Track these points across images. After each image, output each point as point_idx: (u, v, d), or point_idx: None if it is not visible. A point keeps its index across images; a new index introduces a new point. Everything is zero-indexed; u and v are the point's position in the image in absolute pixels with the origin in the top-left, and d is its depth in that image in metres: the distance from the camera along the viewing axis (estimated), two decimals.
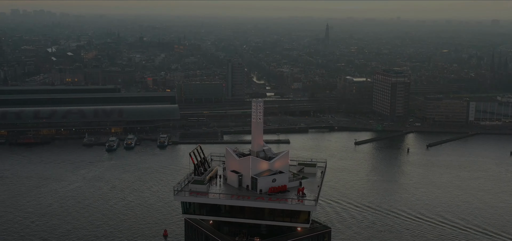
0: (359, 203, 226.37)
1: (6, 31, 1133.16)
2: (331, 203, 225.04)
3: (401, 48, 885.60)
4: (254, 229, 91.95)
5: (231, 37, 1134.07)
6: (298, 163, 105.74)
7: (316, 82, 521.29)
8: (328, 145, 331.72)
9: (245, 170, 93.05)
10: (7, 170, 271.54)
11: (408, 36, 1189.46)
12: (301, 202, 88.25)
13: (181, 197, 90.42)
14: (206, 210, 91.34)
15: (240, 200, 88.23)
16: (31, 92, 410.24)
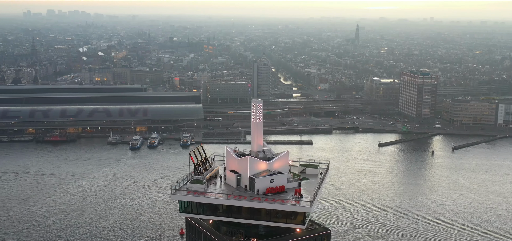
0: (377, 204, 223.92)
1: (41, 31, 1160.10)
2: (346, 204, 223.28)
3: (433, 49, 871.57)
4: (252, 229, 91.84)
5: (261, 37, 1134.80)
6: (300, 164, 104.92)
7: (343, 83, 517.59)
8: (351, 146, 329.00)
9: (243, 170, 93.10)
10: (33, 166, 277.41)
11: (441, 37, 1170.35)
12: (297, 203, 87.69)
13: (178, 196, 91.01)
14: (203, 209, 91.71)
15: (236, 200, 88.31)
16: (59, 91, 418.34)
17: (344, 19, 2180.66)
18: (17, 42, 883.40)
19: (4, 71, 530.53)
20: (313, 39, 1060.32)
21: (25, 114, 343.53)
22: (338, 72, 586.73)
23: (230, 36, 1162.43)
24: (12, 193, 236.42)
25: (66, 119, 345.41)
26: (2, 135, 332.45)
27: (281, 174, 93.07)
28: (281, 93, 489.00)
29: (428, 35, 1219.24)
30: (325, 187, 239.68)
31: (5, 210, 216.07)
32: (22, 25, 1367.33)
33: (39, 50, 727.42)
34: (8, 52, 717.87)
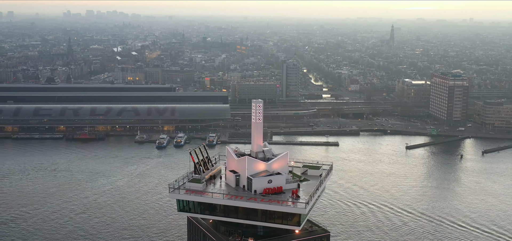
0: (400, 206, 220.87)
1: (79, 31, 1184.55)
2: (368, 205, 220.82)
3: (470, 50, 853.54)
4: (250, 230, 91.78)
5: (294, 38, 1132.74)
6: (303, 165, 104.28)
7: (374, 84, 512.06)
8: (378, 148, 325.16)
9: (242, 170, 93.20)
10: (62, 163, 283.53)
11: (479, 38, 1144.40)
12: (293, 204, 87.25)
13: (175, 195, 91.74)
14: (201, 209, 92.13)
15: (232, 200, 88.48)
16: (90, 90, 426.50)
17: (380, 20, 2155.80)
18: (55, 42, 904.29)
19: (40, 71, 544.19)
20: (347, 40, 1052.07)
21: (56, 113, 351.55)
22: (370, 73, 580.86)
23: (264, 36, 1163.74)
24: (40, 189, 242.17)
25: (95, 117, 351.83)
26: (34, 132, 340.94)
27: (279, 175, 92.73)
28: (311, 94, 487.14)
29: (466, 36, 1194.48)
30: (350, 187, 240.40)
31: (32, 205, 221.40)
32: (61, 25, 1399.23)
33: (75, 50, 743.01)
34: (45, 51, 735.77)
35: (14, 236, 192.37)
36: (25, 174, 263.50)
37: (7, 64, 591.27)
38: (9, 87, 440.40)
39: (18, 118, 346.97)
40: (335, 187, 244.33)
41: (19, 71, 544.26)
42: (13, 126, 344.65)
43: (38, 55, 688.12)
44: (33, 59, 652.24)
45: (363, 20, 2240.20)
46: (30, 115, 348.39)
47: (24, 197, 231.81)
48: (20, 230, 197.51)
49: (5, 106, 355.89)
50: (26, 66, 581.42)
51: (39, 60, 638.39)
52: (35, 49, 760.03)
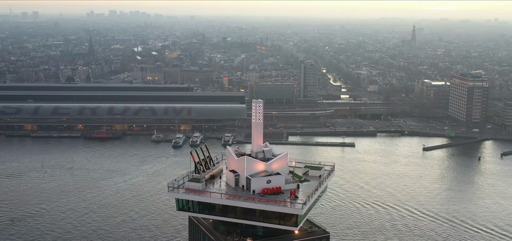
0: (415, 208, 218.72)
1: (101, 31, 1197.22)
2: (379, 207, 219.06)
3: (493, 51, 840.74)
4: (249, 230, 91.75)
5: (315, 38, 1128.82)
6: (305, 165, 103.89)
7: (393, 85, 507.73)
8: (394, 150, 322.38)
9: (241, 170, 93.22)
10: (79, 161, 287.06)
11: (503, 38, 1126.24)
12: (291, 204, 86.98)
13: (174, 194, 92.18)
14: (199, 208, 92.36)
15: (230, 199, 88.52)
16: (108, 90, 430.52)
17: (403, 20, 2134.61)
18: (77, 41, 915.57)
19: (61, 70, 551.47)
20: (368, 41, 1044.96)
21: (74, 112, 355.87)
22: (390, 74, 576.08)
23: (284, 36, 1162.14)
24: (55, 186, 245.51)
25: (113, 117, 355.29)
26: (52, 130, 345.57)
27: (279, 175, 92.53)
28: (329, 95, 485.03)
29: (490, 36, 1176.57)
30: (362, 188, 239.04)
31: (48, 202, 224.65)
32: (84, 26, 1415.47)
33: (96, 50, 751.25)
34: (67, 51, 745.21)
35: (30, 232, 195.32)
36: (43, 172, 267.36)
37: (30, 63, 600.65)
38: (30, 87, 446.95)
39: (38, 117, 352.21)
40: (348, 187, 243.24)
41: (41, 70, 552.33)
42: (32, 124, 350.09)
43: (60, 55, 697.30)
44: (55, 58, 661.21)
45: (386, 20, 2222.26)
46: (49, 114, 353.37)
47: (41, 194, 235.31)
48: (36, 226, 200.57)
49: (25, 105, 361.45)
50: (48, 65, 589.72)
51: (60, 60, 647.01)
52: (57, 49, 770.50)
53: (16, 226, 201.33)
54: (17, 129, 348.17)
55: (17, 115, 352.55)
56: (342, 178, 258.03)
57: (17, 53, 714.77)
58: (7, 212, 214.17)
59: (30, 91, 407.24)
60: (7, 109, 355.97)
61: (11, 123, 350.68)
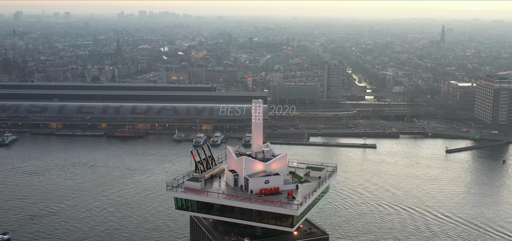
0: (434, 212, 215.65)
1: (130, 31, 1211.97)
2: (400, 209, 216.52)
3: None
4: (248, 230, 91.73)
5: (342, 38, 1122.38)
6: (306, 166, 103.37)
7: (418, 86, 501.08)
8: (416, 152, 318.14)
9: (240, 170, 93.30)
10: (100, 160, 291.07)
11: None
12: (287, 205, 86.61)
13: (173, 193, 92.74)
14: (198, 207, 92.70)
15: (226, 199, 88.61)
16: (132, 89, 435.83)
17: (433, 20, 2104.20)
18: (106, 41, 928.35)
19: (88, 69, 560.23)
20: (396, 41, 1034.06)
21: (98, 111, 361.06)
22: (416, 75, 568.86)
23: (311, 37, 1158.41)
24: (76, 184, 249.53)
25: (136, 116, 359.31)
26: (76, 129, 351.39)
27: (277, 176, 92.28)
28: (353, 95, 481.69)
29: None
30: (377, 189, 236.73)
31: (66, 199, 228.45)
32: (114, 26, 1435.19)
33: (124, 50, 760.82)
34: (96, 51, 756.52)
35: (48, 228, 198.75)
36: (65, 170, 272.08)
37: (58, 63, 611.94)
38: (56, 86, 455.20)
39: (62, 116, 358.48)
40: (363, 189, 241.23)
41: (68, 70, 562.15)
42: (57, 122, 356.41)
43: (88, 55, 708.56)
44: (83, 58, 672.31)
45: (416, 20, 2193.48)
46: (74, 113, 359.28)
47: (61, 191, 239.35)
48: (55, 223, 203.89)
49: (50, 104, 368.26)
50: (76, 65, 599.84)
51: (88, 60, 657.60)
52: (86, 49, 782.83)
53: (36, 222, 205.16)
54: (43, 127, 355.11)
55: (43, 114, 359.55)
56: (362, 179, 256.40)
57: (47, 53, 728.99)
58: (27, 208, 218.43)
59: (56, 90, 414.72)
60: (33, 108, 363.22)
61: (37, 121, 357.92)
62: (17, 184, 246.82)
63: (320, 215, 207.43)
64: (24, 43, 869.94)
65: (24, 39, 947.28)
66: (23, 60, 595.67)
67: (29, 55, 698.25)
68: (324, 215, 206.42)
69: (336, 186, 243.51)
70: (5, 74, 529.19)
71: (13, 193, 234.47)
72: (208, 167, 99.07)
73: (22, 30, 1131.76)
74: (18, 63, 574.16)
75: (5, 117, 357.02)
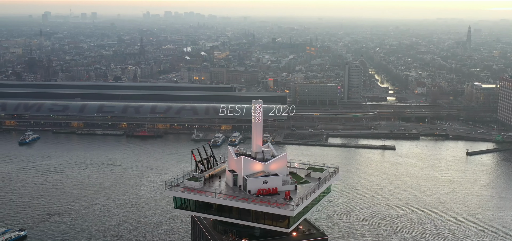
0: (451, 214, 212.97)
1: (154, 31, 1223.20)
2: (417, 211, 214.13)
3: None
4: (247, 230, 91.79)
5: (367, 39, 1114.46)
6: (308, 167, 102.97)
7: (441, 87, 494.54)
8: (436, 154, 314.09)
9: (239, 170, 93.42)
10: (119, 159, 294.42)
11: None
12: (283, 205, 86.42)
13: (171, 192, 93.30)
14: (196, 207, 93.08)
15: (223, 199, 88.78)
16: (152, 89, 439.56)
17: (461, 21, 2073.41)
18: (130, 42, 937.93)
19: (111, 69, 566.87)
20: (421, 42, 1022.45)
21: (119, 110, 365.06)
22: (440, 76, 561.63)
23: (335, 37, 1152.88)
24: (94, 182, 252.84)
25: (156, 115, 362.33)
26: (97, 128, 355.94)
27: (276, 176, 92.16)
28: (375, 97, 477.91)
29: None
30: (391, 191, 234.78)
31: (84, 197, 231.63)
32: (139, 26, 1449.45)
33: (148, 50, 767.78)
34: (120, 51, 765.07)
35: (65, 225, 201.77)
36: (84, 168, 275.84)
37: (83, 63, 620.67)
38: (78, 85, 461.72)
39: (84, 115, 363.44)
40: (377, 190, 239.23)
41: (92, 69, 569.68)
42: (78, 121, 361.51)
43: (112, 55, 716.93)
44: (107, 58, 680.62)
45: (443, 21, 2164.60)
46: (95, 112, 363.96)
47: (79, 189, 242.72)
48: (71, 220, 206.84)
49: (72, 103, 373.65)
50: (100, 65, 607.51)
51: (112, 60, 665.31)
52: (110, 49, 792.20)
53: (53, 219, 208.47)
54: (64, 125, 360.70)
55: (64, 113, 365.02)
56: (377, 180, 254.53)
57: (72, 52, 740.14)
58: (45, 205, 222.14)
59: (78, 90, 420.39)
60: (55, 107, 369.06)
61: (59, 120, 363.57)
62: (36, 182, 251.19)
63: (330, 216, 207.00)
64: (51, 43, 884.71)
65: (51, 39, 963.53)
66: (47, 60, 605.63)
67: (55, 55, 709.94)
68: (335, 216, 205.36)
69: (349, 187, 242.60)
70: (30, 74, 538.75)
71: (32, 190, 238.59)
72: (209, 167, 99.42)
73: (49, 31, 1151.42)
74: (43, 63, 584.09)
75: (28, 116, 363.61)
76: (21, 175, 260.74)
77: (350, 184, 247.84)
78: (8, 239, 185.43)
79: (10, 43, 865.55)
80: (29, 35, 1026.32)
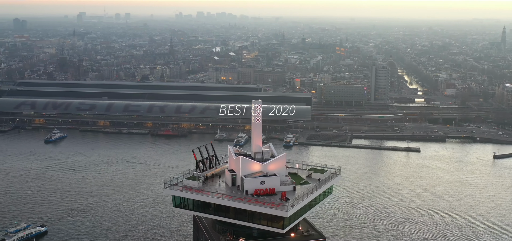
0: (473, 217, 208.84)
1: (186, 32, 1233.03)
2: (435, 213, 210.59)
3: None
4: (245, 230, 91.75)
5: (399, 40, 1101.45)
6: (309, 168, 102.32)
7: (472, 89, 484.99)
8: (462, 157, 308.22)
9: (237, 170, 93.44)
10: (142, 157, 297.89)
11: None
12: (278, 206, 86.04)
13: (170, 191, 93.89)
14: (194, 206, 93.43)
15: (220, 198, 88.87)
16: (178, 89, 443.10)
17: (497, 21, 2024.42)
18: (161, 42, 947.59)
19: (141, 69, 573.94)
20: (454, 42, 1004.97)
21: (144, 109, 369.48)
22: (471, 77, 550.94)
23: (367, 38, 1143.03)
24: (116, 180, 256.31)
25: (181, 115, 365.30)
26: (123, 127, 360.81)
27: (274, 176, 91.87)
28: (403, 98, 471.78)
29: None
30: (411, 192, 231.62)
31: (105, 194, 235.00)
32: (171, 26, 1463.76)
33: (177, 50, 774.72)
34: (150, 51, 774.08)
35: (85, 222, 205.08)
36: (107, 166, 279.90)
37: (113, 62, 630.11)
38: (106, 84, 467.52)
39: (110, 114, 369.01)
40: (403, 193, 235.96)
41: (122, 69, 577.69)
42: (105, 120, 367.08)
43: (142, 55, 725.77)
44: (137, 58, 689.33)
45: (478, 21, 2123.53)
46: (121, 111, 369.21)
47: (101, 187, 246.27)
48: (92, 217, 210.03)
49: (99, 102, 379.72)
50: (130, 65, 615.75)
51: (142, 60, 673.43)
52: (141, 49, 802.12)
53: (74, 216, 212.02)
54: (91, 124, 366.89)
55: (91, 111, 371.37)
56: (397, 182, 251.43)
57: (103, 52, 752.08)
58: (68, 202, 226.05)
59: (106, 89, 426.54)
60: (82, 106, 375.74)
61: (86, 119, 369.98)
62: (59, 179, 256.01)
63: (346, 217, 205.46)
64: (83, 43, 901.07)
65: (84, 39, 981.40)
66: (78, 60, 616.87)
67: (87, 54, 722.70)
68: (349, 216, 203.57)
69: (365, 189, 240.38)
70: (61, 73, 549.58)
71: (55, 187, 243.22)
72: (211, 166, 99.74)
73: (83, 31, 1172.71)
74: (74, 63, 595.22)
75: (57, 114, 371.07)
76: (46, 172, 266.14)
77: (366, 185, 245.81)
78: (29, 234, 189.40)
79: (45, 43, 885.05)
80: (63, 35, 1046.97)
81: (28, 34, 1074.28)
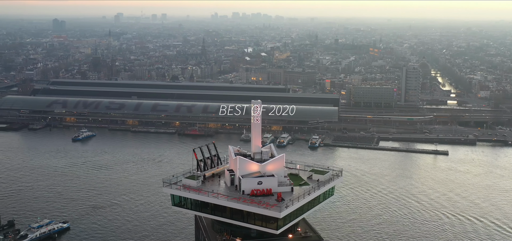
0: (497, 222, 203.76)
1: (220, 32, 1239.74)
2: (459, 217, 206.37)
3: None
4: (243, 230, 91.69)
5: (435, 40, 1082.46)
6: (311, 169, 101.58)
7: (507, 91, 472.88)
8: (492, 161, 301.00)
9: (236, 170, 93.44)
10: (168, 156, 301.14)
11: None
12: (272, 206, 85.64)
13: (168, 190, 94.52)
14: (192, 205, 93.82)
15: (216, 198, 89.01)
16: (205, 88, 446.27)
17: None
18: (195, 42, 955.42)
19: (172, 69, 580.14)
20: (492, 44, 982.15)
21: (172, 109, 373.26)
22: (507, 79, 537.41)
23: (402, 39, 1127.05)
24: (140, 179, 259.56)
25: (208, 115, 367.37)
26: (150, 126, 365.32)
27: (271, 177, 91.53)
28: (434, 100, 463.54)
29: None
30: (435, 195, 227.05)
31: (128, 193, 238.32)
32: (206, 27, 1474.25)
33: (210, 51, 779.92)
34: (183, 51, 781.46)
35: (107, 220, 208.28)
36: (132, 164, 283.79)
37: (146, 62, 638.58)
38: (136, 84, 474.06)
39: (138, 113, 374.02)
40: (430, 195, 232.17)
41: (154, 69, 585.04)
42: (133, 119, 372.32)
43: (175, 55, 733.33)
44: (170, 58, 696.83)
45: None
46: (149, 111, 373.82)
47: (125, 185, 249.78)
48: (114, 214, 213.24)
49: (128, 101, 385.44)
50: (162, 65, 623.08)
51: (175, 60, 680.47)
52: (174, 49, 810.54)
53: (96, 213, 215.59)
54: (120, 123, 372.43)
55: (120, 110, 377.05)
56: (427, 182, 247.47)
57: (137, 52, 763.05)
58: (91, 199, 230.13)
59: (136, 89, 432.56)
60: (112, 105, 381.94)
61: (115, 118, 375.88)
62: (85, 177, 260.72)
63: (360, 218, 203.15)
64: (119, 43, 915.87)
65: (120, 39, 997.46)
66: (111, 60, 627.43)
67: (121, 54, 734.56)
68: (365, 218, 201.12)
69: (385, 190, 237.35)
70: (94, 73, 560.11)
71: (80, 185, 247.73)
72: (212, 166, 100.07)
73: (119, 31, 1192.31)
74: (107, 62, 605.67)
75: (87, 113, 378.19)
76: (72, 170, 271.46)
77: (386, 186, 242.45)
78: (51, 230, 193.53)
79: (81, 43, 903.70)
80: (100, 35, 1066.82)
81: (66, 34, 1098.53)
